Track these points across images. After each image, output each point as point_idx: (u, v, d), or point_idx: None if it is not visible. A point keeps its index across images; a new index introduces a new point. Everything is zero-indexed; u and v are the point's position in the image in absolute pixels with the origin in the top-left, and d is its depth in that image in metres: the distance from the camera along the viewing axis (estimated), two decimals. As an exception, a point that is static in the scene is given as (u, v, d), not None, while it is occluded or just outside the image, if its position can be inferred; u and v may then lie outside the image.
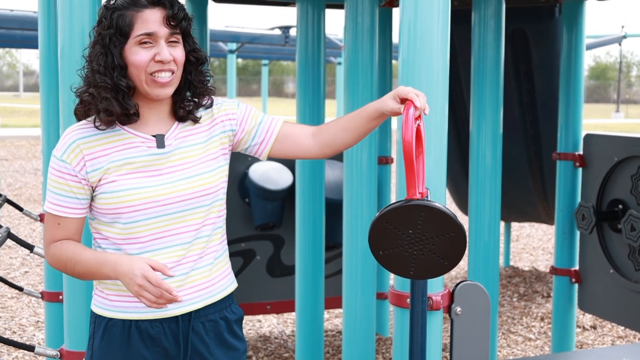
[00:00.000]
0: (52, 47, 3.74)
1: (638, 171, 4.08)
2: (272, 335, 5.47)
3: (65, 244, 2.04)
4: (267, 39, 15.23)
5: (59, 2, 2.64)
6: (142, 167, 2.04)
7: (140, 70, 1.99)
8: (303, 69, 4.03)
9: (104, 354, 2.10)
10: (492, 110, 3.88)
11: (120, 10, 1.98)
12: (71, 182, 2.01)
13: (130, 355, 2.08)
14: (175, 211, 2.05)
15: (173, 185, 2.05)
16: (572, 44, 4.57)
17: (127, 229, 2.04)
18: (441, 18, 2.09)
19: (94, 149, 2.02)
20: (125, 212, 2.01)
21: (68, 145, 2.02)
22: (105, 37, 1.98)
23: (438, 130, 2.13)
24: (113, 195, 2.01)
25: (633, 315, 4.18)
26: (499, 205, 3.96)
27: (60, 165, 2.01)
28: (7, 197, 3.81)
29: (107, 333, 2.09)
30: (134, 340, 2.07)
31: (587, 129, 4.68)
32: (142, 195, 2.02)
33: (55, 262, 2.07)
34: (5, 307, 6.04)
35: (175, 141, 2.09)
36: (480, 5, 3.81)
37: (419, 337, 2.09)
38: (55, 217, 2.03)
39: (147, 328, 2.08)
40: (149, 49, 1.99)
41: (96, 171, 2.01)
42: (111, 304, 2.10)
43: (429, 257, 1.95)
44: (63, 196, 2.02)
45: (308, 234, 4.16)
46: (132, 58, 1.99)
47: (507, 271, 7.41)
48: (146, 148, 2.05)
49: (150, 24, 1.98)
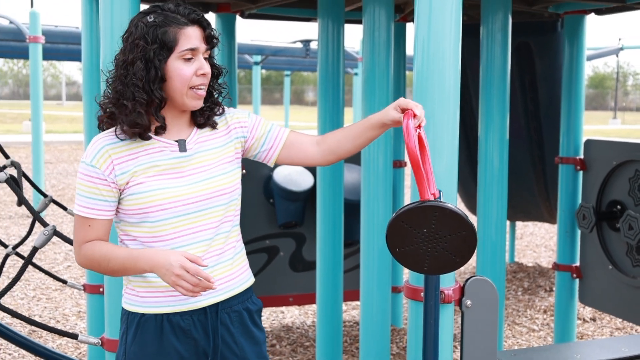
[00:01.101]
0: (94, 60, 3.78)
1: (635, 174, 4.05)
2: (294, 326, 5.48)
3: (98, 244, 2.04)
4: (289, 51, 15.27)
5: (101, 20, 2.66)
6: (166, 169, 2.05)
7: (184, 83, 2.01)
8: (324, 79, 4.04)
9: (138, 348, 2.09)
10: (499, 117, 3.87)
11: (163, 27, 1.98)
12: (100, 186, 2.01)
13: (163, 349, 2.08)
14: (197, 210, 2.07)
15: (195, 186, 2.07)
16: (573, 56, 4.55)
17: (154, 227, 2.05)
18: (453, 32, 2.09)
19: (122, 153, 2.03)
20: (153, 212, 2.03)
21: (97, 152, 2.02)
22: (149, 51, 1.97)
23: (449, 136, 2.12)
24: (142, 195, 2.02)
25: (630, 309, 4.16)
26: (505, 206, 3.94)
27: (90, 170, 2.01)
28: (52, 197, 3.84)
29: (141, 329, 2.09)
30: (166, 333, 2.08)
31: (587, 134, 4.66)
32: (168, 195, 2.03)
33: (87, 261, 2.06)
34: (50, 298, 6.09)
35: (195, 145, 2.11)
36: (488, 20, 3.80)
37: (432, 328, 2.09)
38: (86, 219, 2.03)
39: (179, 321, 2.08)
40: (191, 63, 2.02)
41: (124, 174, 2.02)
42: (142, 300, 2.10)
43: (442, 254, 1.94)
44: (93, 199, 2.02)
45: (328, 232, 4.16)
46: (176, 72, 2.00)
47: (512, 267, 7.38)
48: (170, 152, 2.07)
49: (192, 40, 2.01)
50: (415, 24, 2.13)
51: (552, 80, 5.47)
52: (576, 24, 4.53)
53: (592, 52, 17.71)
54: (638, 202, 4.05)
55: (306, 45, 14.92)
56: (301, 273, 5.02)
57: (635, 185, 4.06)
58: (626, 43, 19.66)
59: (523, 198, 6.34)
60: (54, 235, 3.29)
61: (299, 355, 4.85)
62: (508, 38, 3.82)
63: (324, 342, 4.26)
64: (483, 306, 2.22)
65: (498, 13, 3.77)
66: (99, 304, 3.91)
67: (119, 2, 2.62)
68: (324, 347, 4.26)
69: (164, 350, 2.08)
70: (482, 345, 2.25)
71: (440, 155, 2.10)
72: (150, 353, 2.08)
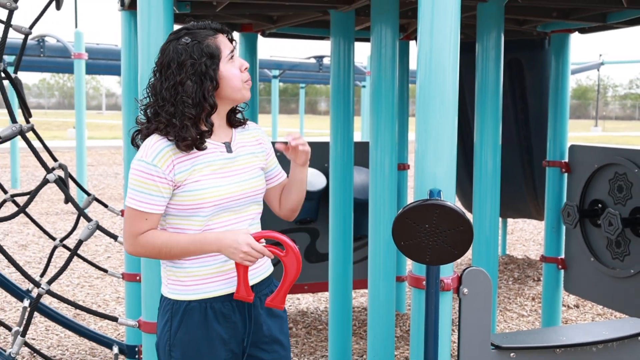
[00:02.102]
0: (131, 74, 3.79)
1: (614, 176, 4.04)
2: (309, 311, 5.49)
3: (156, 233, 2.03)
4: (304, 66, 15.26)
5: (139, 38, 2.68)
6: (217, 168, 2.07)
7: (239, 79, 2.06)
8: (336, 91, 4.04)
9: (185, 334, 2.08)
10: (492, 125, 3.86)
11: (203, 42, 2.01)
12: (159, 183, 1.99)
13: (208, 333, 2.08)
14: (240, 205, 2.11)
15: (240, 185, 2.10)
16: (559, 70, 4.54)
17: (205, 220, 2.06)
18: (451, 49, 2.09)
19: (181, 154, 2.02)
20: (206, 207, 2.03)
21: (159, 152, 2.00)
22: (201, 66, 1.99)
23: (448, 142, 2.12)
24: (198, 192, 2.02)
25: (610, 297, 4.14)
26: (497, 205, 3.93)
27: (151, 169, 1.98)
28: (95, 196, 3.86)
29: (187, 315, 2.08)
30: (210, 319, 2.08)
31: (571, 140, 4.64)
32: (220, 192, 2.05)
33: (143, 249, 2.04)
34: (92, 286, 6.12)
35: (237, 148, 2.15)
36: (483, 38, 3.79)
37: (433, 313, 2.09)
38: (142, 213, 2.00)
39: (220, 307, 2.09)
40: (234, 62, 2.07)
41: (183, 173, 2.01)
42: (188, 288, 2.09)
43: (442, 247, 1.95)
44: (151, 195, 2.00)
45: (339, 227, 4.16)
46: (230, 73, 2.04)
47: (504, 259, 7.36)
48: (219, 153, 2.09)
49: (227, 43, 2.06)
50: (418, 42, 2.13)
51: (540, 92, 5.45)
52: (562, 41, 4.52)
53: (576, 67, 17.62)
54: (617, 201, 4.03)
55: (319, 60, 14.94)
56: (315, 264, 5.02)
57: (615, 186, 4.04)
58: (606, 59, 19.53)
59: (514, 197, 6.33)
60: (97, 230, 3.31)
61: (312, 337, 4.86)
62: (501, 54, 3.81)
63: (335, 326, 4.26)
64: (478, 294, 2.21)
65: (492, 32, 3.76)
66: (136, 291, 3.93)
67: (155, 22, 2.64)
68: (335, 330, 4.26)
69: (209, 335, 2.08)
70: (477, 329, 2.25)
71: (440, 159, 2.10)
72: (196, 338, 2.08)
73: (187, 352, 2.08)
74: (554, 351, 2.40)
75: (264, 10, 4.10)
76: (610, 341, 2.48)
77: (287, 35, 5.08)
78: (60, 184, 3.42)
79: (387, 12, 3.34)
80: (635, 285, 3.94)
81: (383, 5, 3.33)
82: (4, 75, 3.33)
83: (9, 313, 5.25)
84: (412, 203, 1.95)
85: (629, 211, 3.93)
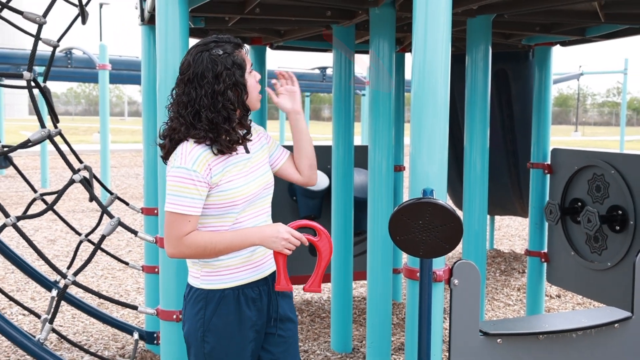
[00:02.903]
0: (151, 84, 3.80)
1: (593, 177, 4.03)
2: (313, 300, 5.48)
3: (200, 232, 2.02)
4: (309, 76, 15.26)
5: (158, 51, 2.68)
6: (242, 168, 2.09)
7: (257, 90, 2.10)
8: (337, 99, 4.04)
9: (220, 320, 2.09)
10: (480, 130, 3.85)
11: (232, 54, 2.02)
12: (200, 187, 1.98)
13: (241, 318, 2.11)
14: (259, 198, 2.14)
15: (258, 180, 2.13)
16: (542, 80, 4.53)
17: (237, 215, 2.08)
18: (443, 61, 2.09)
19: (214, 158, 2.02)
20: (239, 203, 2.06)
21: (196, 158, 1.98)
22: (236, 76, 2.01)
23: (440, 145, 2.12)
24: (231, 191, 2.04)
25: (589, 287, 4.13)
26: (486, 203, 3.93)
27: (192, 174, 1.97)
28: (118, 195, 3.86)
29: (222, 302, 2.09)
30: (242, 305, 2.11)
31: (553, 144, 4.63)
32: (247, 189, 2.08)
33: (190, 249, 2.00)
34: (115, 277, 6.13)
35: (252, 148, 2.17)
36: (472, 50, 3.79)
37: (426, 302, 2.09)
38: (186, 216, 1.97)
39: (250, 293, 2.12)
40: (252, 74, 2.10)
41: (218, 174, 2.02)
42: (222, 278, 2.10)
43: (434, 241, 1.94)
44: (194, 199, 1.98)
45: (340, 224, 4.16)
46: (252, 84, 2.08)
47: (492, 253, 7.34)
48: (241, 154, 2.11)
49: (247, 57, 2.09)
50: (412, 54, 2.13)
51: (525, 100, 5.44)
52: (544, 54, 4.51)
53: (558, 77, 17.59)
54: (595, 199, 4.02)
55: (323, 71, 14.96)
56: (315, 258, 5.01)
57: (593, 186, 4.03)
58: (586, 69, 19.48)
59: (501, 196, 6.32)
60: (118, 226, 3.31)
61: (316, 324, 4.85)
62: (488, 65, 3.80)
63: (337, 314, 4.26)
64: (468, 285, 2.21)
65: (480, 45, 3.75)
66: (155, 282, 3.94)
67: (172, 36, 2.64)
68: (337, 318, 4.27)
69: (242, 319, 2.11)
70: (467, 317, 2.24)
71: (432, 161, 2.09)
72: (231, 322, 2.10)
73: (222, 335, 2.09)
74: (538, 337, 2.39)
75: (272, 25, 4.10)
76: (588, 328, 2.47)
77: (294, 47, 5.08)
78: (85, 184, 3.42)
79: (384, 26, 3.34)
80: (612, 277, 3.93)
81: (381, 21, 3.33)
82: (34, 85, 3.34)
83: (38, 302, 5.26)
84: (407, 201, 1.95)
85: (606, 209, 3.92)
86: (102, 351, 4.20)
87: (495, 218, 8.78)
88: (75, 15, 3.59)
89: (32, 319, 4.80)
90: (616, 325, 2.54)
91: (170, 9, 2.61)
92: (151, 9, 3.32)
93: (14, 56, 11.05)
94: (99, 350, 4.23)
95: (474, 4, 3.22)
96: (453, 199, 6.99)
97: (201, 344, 2.11)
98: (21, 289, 5.59)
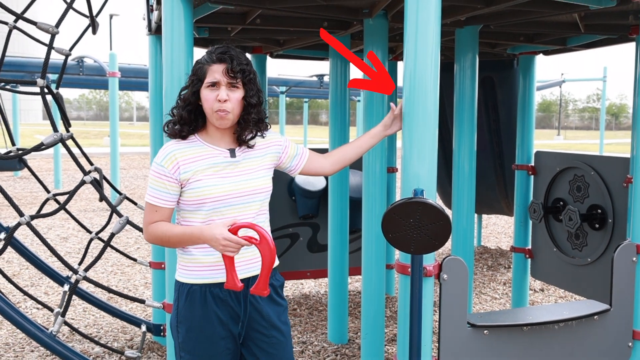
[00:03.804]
0: (158, 90, 3.79)
1: (574, 178, 4.03)
2: (311, 294, 5.48)
3: (160, 224, 2.06)
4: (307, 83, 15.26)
5: (164, 59, 2.68)
6: (219, 170, 2.06)
7: (209, 105, 2.03)
8: (334, 104, 4.04)
9: (188, 311, 2.09)
10: (468, 134, 3.85)
11: (199, 64, 2.06)
12: (166, 181, 2.03)
13: (206, 313, 2.08)
14: (240, 202, 2.07)
15: (240, 184, 2.07)
16: (526, 87, 4.54)
17: (207, 214, 2.05)
18: (433, 69, 2.09)
19: (186, 157, 2.04)
20: (208, 202, 2.03)
21: (166, 155, 2.04)
22: (192, 82, 2.06)
23: (430, 147, 2.12)
24: (200, 189, 2.03)
25: (570, 281, 4.14)
26: (473, 202, 3.93)
27: (160, 169, 2.03)
28: (126, 195, 3.86)
29: (190, 296, 2.09)
30: (209, 302, 2.08)
31: (537, 147, 4.63)
32: (220, 190, 2.04)
33: (152, 237, 2.07)
34: (124, 273, 6.12)
35: (242, 154, 2.12)
36: (460, 59, 3.79)
37: (417, 296, 2.09)
38: (153, 206, 2.05)
39: (218, 292, 2.08)
40: (214, 91, 2.03)
41: (187, 172, 2.03)
42: (191, 273, 2.10)
43: (424, 238, 1.94)
44: (160, 191, 2.04)
45: (337, 222, 4.16)
46: (204, 97, 2.04)
47: (479, 249, 7.35)
48: (223, 157, 2.08)
49: (216, 73, 2.02)
50: (404, 63, 2.13)
51: (510, 105, 5.45)
52: (528, 62, 4.52)
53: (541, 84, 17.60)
54: (576, 199, 4.02)
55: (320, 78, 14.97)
56: (316, 254, 5.02)
57: (574, 186, 4.04)
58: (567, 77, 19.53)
59: (488, 196, 6.32)
60: (127, 224, 3.30)
61: (314, 317, 4.85)
62: (476, 73, 3.81)
63: (333, 307, 4.26)
64: (456, 279, 2.21)
65: (468, 54, 3.76)
66: (162, 277, 3.93)
67: (177, 45, 2.64)
68: (334, 311, 4.26)
69: (207, 314, 2.08)
70: (456, 309, 2.24)
71: (423, 162, 2.10)
72: (197, 315, 2.08)
73: (191, 327, 2.09)
74: (522, 328, 2.39)
75: (272, 35, 4.10)
76: (569, 320, 2.48)
77: (293, 56, 5.08)
78: (95, 185, 3.41)
79: (377, 36, 3.34)
80: (592, 271, 3.93)
81: (374, 31, 3.33)
82: (47, 91, 3.33)
83: (51, 296, 5.25)
84: (399, 201, 1.95)
85: (586, 208, 3.92)
86: (112, 343, 4.19)
87: (483, 217, 8.80)
88: (86, 25, 3.59)
89: (45, 312, 4.79)
90: (595, 317, 2.55)
91: (175, 19, 2.61)
92: (158, 19, 3.32)
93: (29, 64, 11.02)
94: (109, 341, 4.22)
95: (462, 16, 3.23)
96: (443, 199, 6.99)
97: (176, 334, 2.14)
98: (35, 284, 5.58)
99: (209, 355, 2.09)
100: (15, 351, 4.03)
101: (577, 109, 74.18)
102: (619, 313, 2.62)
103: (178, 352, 2.15)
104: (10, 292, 5.18)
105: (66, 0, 3.36)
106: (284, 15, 3.47)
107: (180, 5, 2.60)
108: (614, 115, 62.03)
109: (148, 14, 3.73)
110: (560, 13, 3.13)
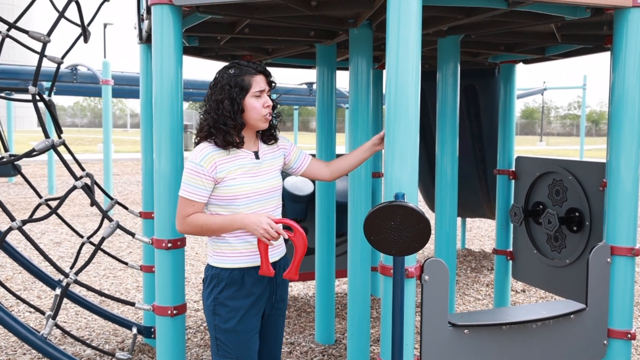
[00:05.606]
0: (149, 98, 3.79)
1: (553, 182, 4.06)
2: (299, 296, 5.48)
3: (199, 215, 2.25)
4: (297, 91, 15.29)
5: (154, 67, 2.68)
6: (248, 170, 2.30)
7: (257, 112, 2.27)
8: (321, 112, 4.05)
9: (229, 292, 2.28)
10: (451, 139, 3.88)
11: (239, 76, 2.25)
12: (204, 179, 2.22)
13: (246, 291, 2.29)
14: (264, 198, 2.32)
15: (264, 182, 2.33)
16: (507, 94, 4.57)
17: (238, 209, 2.26)
18: (414, 77, 2.11)
19: (221, 158, 2.25)
20: (240, 198, 2.25)
21: (205, 155, 2.23)
22: (232, 92, 2.23)
23: (411, 152, 2.14)
24: (235, 187, 2.25)
25: (550, 282, 4.16)
26: (455, 206, 3.95)
27: (199, 168, 2.22)
28: (117, 200, 3.84)
29: (230, 280, 2.28)
30: (247, 282, 2.30)
31: (520, 153, 4.66)
32: (250, 187, 2.27)
33: (190, 227, 2.25)
34: (116, 276, 6.09)
35: (263, 155, 2.38)
36: (442, 67, 3.82)
37: (399, 296, 2.10)
38: (190, 201, 2.23)
39: (253, 274, 2.31)
40: (260, 99, 2.27)
41: (222, 172, 2.24)
42: (230, 259, 2.30)
43: (405, 241, 1.95)
44: (198, 187, 2.22)
45: (324, 226, 4.17)
46: (251, 105, 2.26)
47: (463, 252, 7.38)
48: (250, 159, 2.32)
49: (261, 83, 2.28)
50: (386, 71, 2.14)
51: (491, 112, 5.49)
52: (509, 71, 4.55)
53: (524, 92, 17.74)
54: (555, 203, 4.06)
55: (310, 86, 15.00)
56: (304, 257, 5.01)
57: (553, 190, 4.07)
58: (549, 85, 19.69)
59: (471, 200, 6.35)
60: (118, 228, 3.29)
61: (302, 318, 4.85)
62: (457, 81, 3.83)
63: (321, 309, 4.26)
64: (437, 280, 2.23)
65: (450, 62, 3.78)
66: (152, 280, 3.92)
67: (166, 54, 2.64)
68: (321, 312, 4.27)
69: (246, 292, 2.29)
70: (437, 310, 2.26)
71: (404, 167, 2.11)
72: (238, 296, 2.29)
73: (234, 308, 2.28)
74: (501, 327, 2.41)
75: (260, 44, 4.11)
76: (547, 319, 2.50)
77: (281, 65, 5.09)
78: (86, 190, 3.40)
79: (362, 46, 3.36)
80: (570, 272, 3.96)
81: (359, 40, 3.35)
82: (39, 99, 3.32)
83: (44, 300, 5.21)
84: (380, 204, 1.96)
85: (565, 211, 3.95)
86: (103, 345, 4.17)
87: (467, 220, 8.84)
88: (78, 34, 3.58)
89: (38, 316, 4.76)
90: (572, 317, 2.57)
91: (165, 29, 2.61)
92: (148, 29, 3.32)
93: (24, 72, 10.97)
94: (100, 344, 4.19)
95: (444, 26, 3.25)
96: (427, 202, 7.02)
97: (212, 317, 2.31)
98: (28, 288, 5.54)
99: (245, 331, 2.30)
100: (7, 354, 4.00)
101: (558, 116, 74.73)
102: (594, 312, 2.64)
103: (213, 335, 2.32)
104: (3, 296, 5.14)
105: (58, 9, 3.35)
106: (272, 25, 3.49)
107: (170, 15, 2.60)
108: (594, 122, 62.52)
109: (139, 23, 3.73)
110: (537, 23, 3.17)
